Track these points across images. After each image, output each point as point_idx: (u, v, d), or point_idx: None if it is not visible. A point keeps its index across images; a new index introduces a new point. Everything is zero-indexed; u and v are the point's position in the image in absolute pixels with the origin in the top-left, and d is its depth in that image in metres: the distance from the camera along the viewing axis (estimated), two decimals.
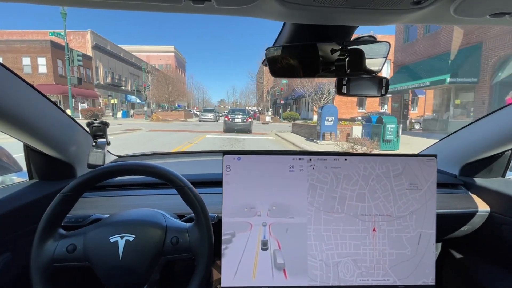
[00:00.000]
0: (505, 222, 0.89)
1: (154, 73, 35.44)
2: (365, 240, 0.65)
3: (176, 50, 53.81)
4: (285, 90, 33.05)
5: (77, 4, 0.48)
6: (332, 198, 0.66)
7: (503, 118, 0.86)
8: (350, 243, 0.65)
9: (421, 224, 0.67)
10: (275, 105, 43.24)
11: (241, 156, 0.66)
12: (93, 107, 25.20)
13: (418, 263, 0.66)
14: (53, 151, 0.84)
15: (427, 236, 0.66)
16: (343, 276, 0.64)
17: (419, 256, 0.66)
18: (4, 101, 0.62)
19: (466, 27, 10.57)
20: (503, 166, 1.02)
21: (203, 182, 1.01)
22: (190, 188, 0.64)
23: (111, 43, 34.47)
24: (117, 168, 0.64)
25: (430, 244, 0.66)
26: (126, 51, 38.74)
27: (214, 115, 26.75)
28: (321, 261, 0.64)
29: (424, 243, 0.66)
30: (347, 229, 0.65)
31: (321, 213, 0.65)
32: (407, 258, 0.66)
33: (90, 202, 0.90)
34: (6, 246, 0.70)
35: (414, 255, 0.66)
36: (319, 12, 0.50)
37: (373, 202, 0.66)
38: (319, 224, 0.65)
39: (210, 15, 0.52)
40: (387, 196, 0.66)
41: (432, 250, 0.66)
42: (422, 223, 0.67)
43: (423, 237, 0.66)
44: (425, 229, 0.66)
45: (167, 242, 0.62)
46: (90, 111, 22.15)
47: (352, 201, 0.66)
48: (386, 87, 0.77)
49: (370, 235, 0.65)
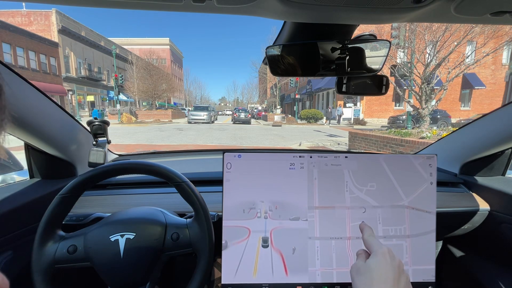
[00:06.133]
0: (505, 221, 0.89)
1: (137, 63, 28.88)
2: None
3: (171, 43, 49.75)
4: (299, 82, 24.94)
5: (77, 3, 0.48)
6: (333, 196, 0.66)
7: (504, 117, 0.87)
8: (351, 240, 0.65)
9: (422, 222, 0.67)
10: (284, 102, 36.98)
11: (241, 154, 0.66)
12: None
13: (418, 260, 0.66)
14: (54, 150, 0.84)
15: (427, 234, 0.67)
16: (343, 273, 0.64)
17: (420, 254, 0.66)
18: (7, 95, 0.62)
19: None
20: (503, 164, 1.02)
21: (203, 180, 1.01)
22: (188, 184, 0.64)
23: (87, 29, 28.65)
24: (114, 167, 0.64)
25: (431, 242, 0.67)
26: (107, 39, 32.59)
27: (208, 114, 20.33)
28: (322, 258, 0.64)
29: (424, 241, 0.66)
30: (347, 226, 0.65)
31: (321, 210, 0.65)
32: (407, 255, 0.66)
33: (91, 201, 0.90)
34: (8, 244, 0.71)
35: (415, 253, 0.66)
36: (319, 11, 0.50)
37: (373, 200, 0.66)
38: (320, 221, 0.65)
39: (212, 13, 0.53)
40: (387, 194, 0.66)
41: (432, 248, 0.67)
42: (422, 221, 0.67)
43: (423, 235, 0.66)
44: (425, 227, 0.67)
45: (168, 238, 0.63)
46: None
47: (353, 199, 0.66)
48: (386, 86, 0.77)
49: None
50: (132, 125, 17.37)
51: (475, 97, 20.28)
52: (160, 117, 23.02)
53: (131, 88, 27.88)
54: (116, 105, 19.93)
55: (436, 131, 6.13)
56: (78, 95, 25.88)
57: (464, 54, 7.76)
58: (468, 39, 7.36)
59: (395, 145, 5.62)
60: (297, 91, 23.55)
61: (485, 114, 0.94)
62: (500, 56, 18.81)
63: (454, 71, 7.27)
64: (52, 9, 22.89)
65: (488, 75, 19.76)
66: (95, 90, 29.66)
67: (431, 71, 7.45)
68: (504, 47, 8.73)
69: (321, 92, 25.22)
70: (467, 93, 20.44)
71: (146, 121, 20.38)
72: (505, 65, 19.63)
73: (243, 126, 19.02)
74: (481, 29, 7.22)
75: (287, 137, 11.94)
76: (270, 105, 42.21)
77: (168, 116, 23.79)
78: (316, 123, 20.06)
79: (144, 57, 31.83)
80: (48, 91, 19.92)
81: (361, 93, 0.80)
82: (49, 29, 23.09)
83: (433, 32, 7.48)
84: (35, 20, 23.01)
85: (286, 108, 37.86)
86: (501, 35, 8.12)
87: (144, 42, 47.59)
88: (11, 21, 20.91)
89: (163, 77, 29.51)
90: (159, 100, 30.72)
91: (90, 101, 28.12)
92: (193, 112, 20.81)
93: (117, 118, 19.19)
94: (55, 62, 22.91)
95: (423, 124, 7.26)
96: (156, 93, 27.62)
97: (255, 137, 12.05)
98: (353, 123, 18.93)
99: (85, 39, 27.37)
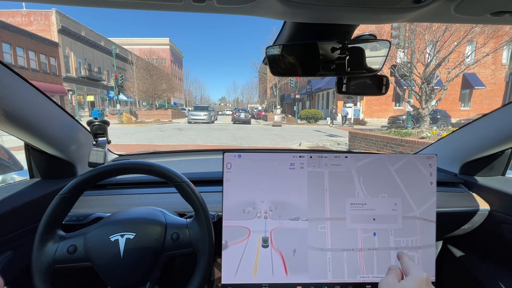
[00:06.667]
0: (505, 221, 0.89)
1: (137, 63, 28.96)
2: (365, 233, 0.65)
3: (171, 43, 49.90)
4: (300, 82, 25.10)
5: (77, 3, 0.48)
6: (332, 192, 0.66)
7: (504, 117, 0.86)
8: (351, 239, 0.65)
9: (422, 222, 0.67)
10: (284, 102, 37.07)
11: (241, 154, 0.66)
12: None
13: (418, 260, 0.66)
14: (54, 149, 0.84)
15: (427, 229, 0.67)
16: (343, 272, 0.64)
17: (420, 254, 0.66)
18: (4, 100, 0.62)
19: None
20: (503, 164, 1.02)
21: (203, 180, 1.01)
22: (188, 184, 0.64)
23: (87, 29, 28.73)
24: (114, 167, 0.64)
25: (430, 242, 0.67)
26: (107, 39, 32.64)
27: (208, 114, 20.52)
28: (322, 258, 0.64)
29: (424, 241, 0.66)
30: (347, 226, 0.65)
31: (321, 210, 0.65)
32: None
33: (91, 201, 0.90)
34: (8, 244, 0.71)
35: (415, 253, 0.66)
36: (319, 11, 0.50)
37: (373, 200, 0.66)
38: (320, 221, 0.65)
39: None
40: (387, 190, 0.66)
41: (432, 248, 0.67)
42: (422, 222, 0.67)
43: (423, 235, 0.66)
44: (425, 223, 0.67)
45: (168, 238, 0.63)
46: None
47: (352, 195, 0.66)
48: (386, 86, 0.77)
49: (370, 232, 0.66)
50: (132, 125, 17.33)
51: (475, 97, 20.28)
52: (160, 117, 22.99)
53: (131, 88, 27.78)
54: (116, 105, 19.97)
55: (436, 131, 6.12)
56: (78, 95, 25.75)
57: (464, 54, 7.77)
58: (468, 39, 7.36)
59: (395, 145, 5.61)
60: (297, 91, 23.55)
61: (485, 114, 0.94)
62: (500, 56, 18.81)
63: (454, 71, 7.28)
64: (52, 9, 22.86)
65: (488, 75, 19.74)
66: (95, 90, 29.53)
67: (431, 71, 7.45)
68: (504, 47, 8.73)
69: (321, 92, 25.14)
70: (467, 93, 20.43)
71: (146, 121, 20.35)
72: (505, 65, 19.61)
73: (243, 126, 19.06)
74: (481, 29, 7.21)
75: (287, 137, 11.91)
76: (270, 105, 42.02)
77: (168, 116, 23.74)
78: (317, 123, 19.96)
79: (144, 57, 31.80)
80: (48, 91, 19.86)
81: (361, 93, 0.80)
82: (49, 29, 23.08)
83: (433, 32, 7.49)
84: (35, 20, 22.99)
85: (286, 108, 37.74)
86: (501, 35, 8.11)
87: (144, 42, 47.50)
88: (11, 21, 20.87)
89: (163, 77, 29.52)
90: (159, 100, 30.67)
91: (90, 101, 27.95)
92: (193, 112, 20.87)
93: (117, 118, 19.19)
94: (55, 62, 22.90)
95: (423, 124, 7.25)
96: (156, 93, 27.57)
97: (255, 137, 12.02)
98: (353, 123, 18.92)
99: (85, 39, 27.28)
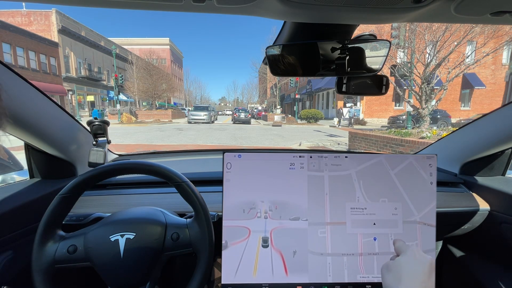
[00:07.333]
0: (505, 221, 0.89)
1: (137, 63, 28.90)
2: (365, 237, 0.65)
3: (171, 43, 49.82)
4: (299, 82, 24.85)
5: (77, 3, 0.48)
6: (333, 196, 0.66)
7: (504, 117, 0.86)
8: (351, 240, 0.65)
9: (422, 227, 0.67)
10: (284, 102, 37.10)
11: (241, 154, 0.66)
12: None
13: None
14: (54, 150, 0.84)
15: (427, 234, 0.67)
16: (343, 273, 0.64)
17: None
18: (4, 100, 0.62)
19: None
20: (503, 164, 1.02)
21: (203, 180, 1.01)
22: (188, 184, 0.64)
23: (87, 29, 28.64)
24: (114, 167, 0.64)
25: (431, 246, 0.66)
26: (107, 39, 32.58)
27: (208, 114, 20.42)
28: (322, 258, 0.64)
29: (424, 245, 0.66)
30: (347, 226, 0.65)
31: (321, 214, 0.65)
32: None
33: (91, 201, 0.90)
34: (8, 244, 0.71)
35: None
36: (319, 11, 0.50)
37: (373, 200, 0.66)
38: (320, 226, 0.65)
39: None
40: (387, 194, 0.66)
41: (432, 248, 0.67)
42: (422, 226, 0.67)
43: (423, 235, 0.66)
44: (426, 227, 0.67)
45: (168, 238, 0.63)
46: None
47: (352, 199, 0.66)
48: (386, 86, 0.77)
49: (370, 232, 0.65)
50: (132, 125, 17.28)
51: (475, 97, 20.27)
52: (160, 117, 22.96)
53: (131, 88, 27.76)
54: (116, 105, 19.91)
55: (436, 131, 6.12)
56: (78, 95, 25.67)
57: (464, 54, 7.77)
58: (468, 39, 7.36)
59: (395, 145, 5.60)
60: (297, 91, 23.49)
61: (485, 114, 0.94)
62: (500, 56, 18.79)
63: (454, 71, 7.29)
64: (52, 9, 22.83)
65: (488, 75, 19.73)
66: (95, 90, 29.48)
67: (431, 71, 7.46)
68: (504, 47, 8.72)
69: (321, 92, 25.11)
70: (467, 93, 20.43)
71: (146, 121, 20.28)
72: (505, 65, 19.61)
73: (243, 126, 19.05)
74: (481, 29, 7.20)
75: (287, 137, 11.87)
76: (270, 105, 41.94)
77: (168, 116, 23.70)
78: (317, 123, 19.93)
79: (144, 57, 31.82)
80: (48, 91, 19.78)
81: (361, 93, 0.80)
82: (49, 29, 23.04)
83: (433, 32, 7.49)
84: (35, 20, 22.96)
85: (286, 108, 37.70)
86: (501, 35, 8.10)
87: (144, 42, 47.44)
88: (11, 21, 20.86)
89: (163, 77, 29.49)
90: (159, 100, 30.65)
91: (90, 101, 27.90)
92: (193, 112, 20.84)
93: (117, 118, 19.14)
94: (55, 62, 22.86)
95: (423, 124, 7.25)
96: (156, 93, 27.54)
97: (255, 137, 12.01)
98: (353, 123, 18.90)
99: (85, 39, 27.23)
